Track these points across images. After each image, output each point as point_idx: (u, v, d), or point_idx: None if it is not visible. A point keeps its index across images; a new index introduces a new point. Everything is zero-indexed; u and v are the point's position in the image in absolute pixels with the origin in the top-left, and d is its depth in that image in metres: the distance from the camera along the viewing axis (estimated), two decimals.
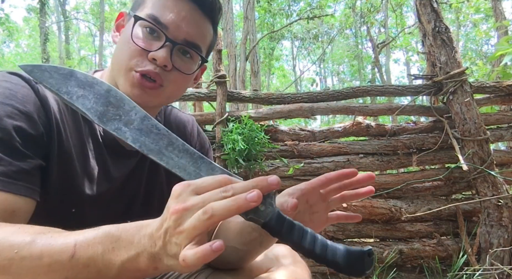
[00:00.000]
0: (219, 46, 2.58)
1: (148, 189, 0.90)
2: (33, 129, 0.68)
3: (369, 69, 15.35)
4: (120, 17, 0.84)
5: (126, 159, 0.85)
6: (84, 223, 0.79)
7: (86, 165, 0.78)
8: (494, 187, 2.21)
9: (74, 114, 0.78)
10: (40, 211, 0.70)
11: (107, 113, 0.55)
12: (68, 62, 13.33)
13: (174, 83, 0.78)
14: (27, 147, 0.67)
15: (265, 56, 13.36)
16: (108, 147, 0.82)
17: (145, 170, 0.89)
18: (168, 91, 0.78)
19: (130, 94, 0.74)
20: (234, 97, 2.58)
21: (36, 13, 12.24)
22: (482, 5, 8.88)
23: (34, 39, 20.06)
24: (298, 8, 12.13)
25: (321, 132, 2.52)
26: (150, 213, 0.91)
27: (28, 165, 0.67)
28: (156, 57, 0.73)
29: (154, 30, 0.75)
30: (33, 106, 0.69)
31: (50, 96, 0.73)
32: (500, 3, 6.61)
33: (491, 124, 2.53)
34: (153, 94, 0.76)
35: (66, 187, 0.75)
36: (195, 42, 0.78)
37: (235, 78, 7.60)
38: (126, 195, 0.87)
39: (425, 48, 2.58)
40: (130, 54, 0.74)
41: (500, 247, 2.13)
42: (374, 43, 12.19)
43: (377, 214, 2.30)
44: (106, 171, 0.81)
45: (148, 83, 0.75)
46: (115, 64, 0.78)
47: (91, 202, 0.80)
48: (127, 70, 0.75)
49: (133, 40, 0.74)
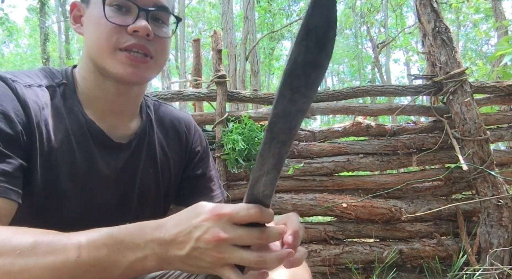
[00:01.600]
0: (219, 46, 2.58)
1: (143, 183, 0.88)
2: (11, 129, 0.66)
3: (369, 69, 15.35)
4: (74, 7, 0.82)
5: (116, 151, 0.83)
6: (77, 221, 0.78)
7: (72, 161, 0.76)
8: (494, 187, 2.21)
9: (57, 110, 0.76)
10: (27, 212, 0.68)
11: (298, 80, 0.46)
12: (68, 62, 13.31)
13: (161, 51, 0.78)
14: (6, 147, 0.65)
15: (265, 56, 13.36)
16: (96, 139, 0.80)
17: (140, 164, 0.87)
18: (158, 61, 0.78)
19: (124, 74, 0.74)
20: (234, 97, 2.58)
21: (36, 13, 12.24)
22: (482, 5, 8.88)
23: (34, 39, 20.05)
24: (298, 8, 12.13)
25: (321, 132, 2.52)
26: (145, 208, 0.91)
27: (9, 166, 0.65)
28: (137, 28, 0.72)
29: (121, 5, 0.74)
30: (10, 105, 0.67)
31: (29, 94, 0.72)
32: (500, 3, 6.61)
33: (491, 124, 2.52)
34: (147, 69, 0.76)
35: (52, 186, 0.74)
36: (164, 5, 0.78)
37: (235, 78, 7.60)
38: (119, 190, 0.85)
39: (425, 48, 2.58)
40: (108, 34, 0.73)
41: (500, 247, 2.13)
42: (374, 43, 12.20)
43: (377, 214, 2.30)
44: (94, 164, 0.79)
45: (140, 59, 0.74)
46: (94, 50, 0.76)
47: (79, 199, 0.78)
48: (110, 50, 0.73)
49: (108, 20, 0.72)
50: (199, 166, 0.99)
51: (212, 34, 2.63)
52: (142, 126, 0.89)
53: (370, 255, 2.26)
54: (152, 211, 0.92)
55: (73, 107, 0.78)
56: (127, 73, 0.74)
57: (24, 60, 21.26)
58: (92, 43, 0.76)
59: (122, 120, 0.85)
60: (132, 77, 0.75)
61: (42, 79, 0.78)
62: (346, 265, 2.28)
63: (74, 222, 0.77)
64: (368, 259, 2.27)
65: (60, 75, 0.81)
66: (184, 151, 0.97)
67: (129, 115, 0.87)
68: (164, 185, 0.93)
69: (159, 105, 0.97)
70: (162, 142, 0.93)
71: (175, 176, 0.96)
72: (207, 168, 1.00)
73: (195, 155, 0.99)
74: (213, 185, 1.00)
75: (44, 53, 11.09)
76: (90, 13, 0.77)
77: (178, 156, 0.96)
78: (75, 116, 0.78)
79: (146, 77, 0.78)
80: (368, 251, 2.28)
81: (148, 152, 0.89)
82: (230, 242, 0.53)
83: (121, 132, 0.85)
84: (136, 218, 0.89)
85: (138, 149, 0.87)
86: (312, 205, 2.30)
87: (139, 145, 0.88)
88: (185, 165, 0.98)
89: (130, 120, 0.87)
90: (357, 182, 2.43)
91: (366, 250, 2.28)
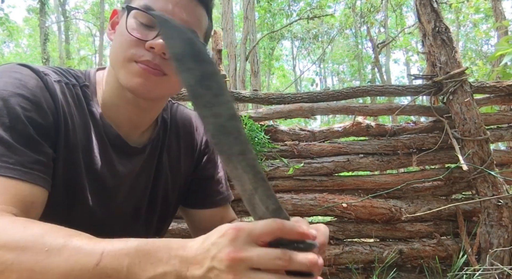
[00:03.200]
0: (219, 46, 2.58)
1: (154, 188, 0.90)
2: (44, 120, 0.68)
3: (369, 69, 15.36)
4: (114, 14, 0.83)
5: (131, 156, 0.84)
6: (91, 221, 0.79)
7: (91, 160, 0.77)
8: (494, 187, 2.21)
9: (80, 108, 0.77)
10: (47, 204, 0.69)
11: (204, 97, 0.50)
12: (68, 62, 13.31)
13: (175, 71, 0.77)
14: (39, 136, 0.67)
15: (265, 56, 13.37)
16: (112, 143, 0.81)
17: (153, 169, 0.88)
18: (172, 80, 0.76)
19: (132, 84, 0.73)
20: (234, 97, 2.57)
21: (36, 13, 12.24)
22: (482, 5, 8.88)
23: (34, 39, 20.06)
24: (298, 8, 12.13)
25: (321, 132, 2.52)
26: (153, 214, 0.92)
27: (43, 154, 0.67)
28: (153, 45, 0.71)
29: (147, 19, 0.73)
30: (42, 97, 0.69)
31: (58, 89, 0.73)
32: (500, 3, 6.61)
33: (491, 124, 2.52)
34: (157, 83, 0.74)
35: (71, 181, 0.75)
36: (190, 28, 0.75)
37: (235, 78, 7.61)
38: (135, 194, 0.86)
39: (425, 48, 2.58)
40: (127, 46, 0.73)
41: (500, 247, 2.13)
42: (374, 43, 12.19)
43: (377, 214, 2.30)
44: (112, 167, 0.80)
45: (152, 70, 0.73)
46: (113, 59, 0.76)
47: (96, 198, 0.79)
48: (125, 61, 0.73)
49: (128, 31, 0.72)
50: (207, 167, 0.99)
51: (212, 34, 2.63)
52: (157, 132, 0.89)
53: (370, 255, 2.26)
54: (160, 215, 0.93)
55: (92, 109, 0.79)
56: (135, 83, 0.73)
57: (24, 60, 21.25)
58: (113, 53, 0.77)
59: (137, 131, 0.86)
60: (139, 88, 0.73)
61: (68, 77, 0.79)
62: (346, 265, 2.28)
63: (87, 221, 0.78)
64: (368, 259, 2.27)
65: (84, 77, 0.82)
66: (194, 150, 0.98)
67: (144, 127, 0.87)
68: (173, 191, 0.94)
69: (171, 105, 0.97)
70: (174, 147, 0.93)
71: (185, 180, 0.96)
72: (215, 169, 1.01)
73: (204, 155, 0.99)
74: (221, 187, 1.00)
75: (44, 53, 11.10)
76: (121, 22, 0.77)
77: (188, 156, 0.96)
78: (94, 117, 0.79)
79: (155, 92, 0.75)
80: (368, 251, 2.28)
81: (160, 158, 0.90)
82: (248, 263, 0.48)
83: (136, 138, 0.86)
84: (146, 221, 0.90)
85: (152, 155, 0.88)
86: (312, 205, 2.30)
87: (153, 151, 0.88)
88: (195, 165, 0.98)
89: (146, 130, 0.88)
90: (357, 182, 2.43)
91: (366, 250, 2.28)
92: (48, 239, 0.54)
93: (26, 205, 0.63)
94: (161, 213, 0.93)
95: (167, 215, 0.96)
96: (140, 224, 0.90)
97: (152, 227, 0.93)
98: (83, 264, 0.52)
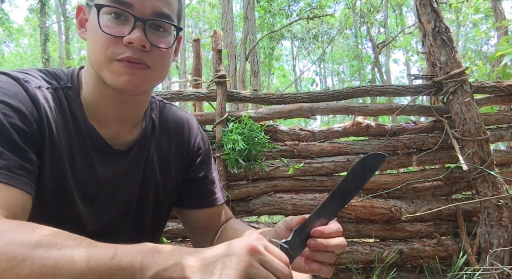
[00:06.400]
0: (219, 46, 2.58)
1: (142, 190, 0.88)
2: (27, 127, 0.68)
3: (369, 69, 15.36)
4: (80, 11, 0.80)
5: (115, 158, 0.83)
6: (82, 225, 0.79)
7: (75, 165, 0.77)
8: (494, 187, 2.21)
9: (63, 112, 0.76)
10: (36, 211, 0.69)
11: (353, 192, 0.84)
12: (68, 62, 13.30)
13: (159, 62, 0.75)
14: (23, 143, 0.66)
15: (265, 56, 13.36)
16: (95, 145, 0.80)
17: (140, 170, 0.87)
18: (157, 71, 0.75)
19: (119, 83, 0.72)
20: (234, 97, 2.58)
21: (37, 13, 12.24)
22: (482, 5, 8.88)
23: (35, 39, 20.05)
24: (298, 8, 12.11)
25: (321, 132, 2.52)
26: (145, 215, 0.91)
27: (27, 161, 0.66)
28: (131, 40, 0.70)
29: (119, 14, 0.71)
30: (24, 105, 0.68)
31: (40, 95, 0.72)
32: (500, 3, 6.61)
33: (491, 124, 2.52)
34: (143, 77, 0.73)
35: (58, 187, 0.75)
36: (164, 12, 0.74)
37: (235, 78, 7.61)
38: (120, 197, 0.85)
39: (425, 48, 2.58)
40: (105, 46, 0.71)
41: (500, 247, 2.13)
42: (374, 43, 12.19)
43: (377, 214, 2.30)
44: (93, 171, 0.79)
45: (136, 64, 0.72)
46: (93, 60, 0.74)
47: (83, 203, 0.78)
48: (106, 62, 0.72)
49: (102, 30, 0.71)
50: (201, 168, 0.98)
51: (212, 34, 2.63)
52: (143, 133, 0.88)
53: (370, 255, 2.26)
54: (152, 218, 0.93)
55: (75, 112, 0.78)
56: (121, 81, 0.72)
57: (24, 60, 21.25)
58: (90, 52, 0.75)
59: (125, 127, 0.85)
60: (126, 85, 0.72)
61: (49, 80, 0.78)
62: (346, 265, 2.28)
63: (78, 224, 0.78)
64: (368, 259, 2.27)
65: (66, 78, 0.81)
66: (186, 153, 0.97)
67: (133, 123, 0.86)
68: (164, 192, 0.93)
69: (163, 106, 0.96)
70: (164, 148, 0.92)
71: (176, 181, 0.96)
72: (209, 170, 1.00)
73: (197, 157, 0.98)
74: (215, 188, 1.00)
75: (44, 53, 11.10)
76: (91, 20, 0.75)
77: (179, 158, 0.95)
78: (77, 121, 0.78)
79: (142, 87, 0.75)
80: (368, 251, 2.28)
81: (148, 159, 0.89)
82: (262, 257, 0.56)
83: (123, 139, 0.84)
84: (136, 224, 0.90)
85: (139, 156, 0.87)
86: (312, 205, 2.30)
87: (139, 152, 0.87)
88: (186, 166, 0.97)
89: (134, 127, 0.87)
90: None
91: (366, 250, 2.28)
92: (59, 239, 0.54)
93: (17, 209, 0.62)
94: (154, 214, 0.92)
95: (161, 217, 0.96)
96: (132, 226, 0.89)
97: (145, 229, 0.93)
98: (99, 257, 0.53)
